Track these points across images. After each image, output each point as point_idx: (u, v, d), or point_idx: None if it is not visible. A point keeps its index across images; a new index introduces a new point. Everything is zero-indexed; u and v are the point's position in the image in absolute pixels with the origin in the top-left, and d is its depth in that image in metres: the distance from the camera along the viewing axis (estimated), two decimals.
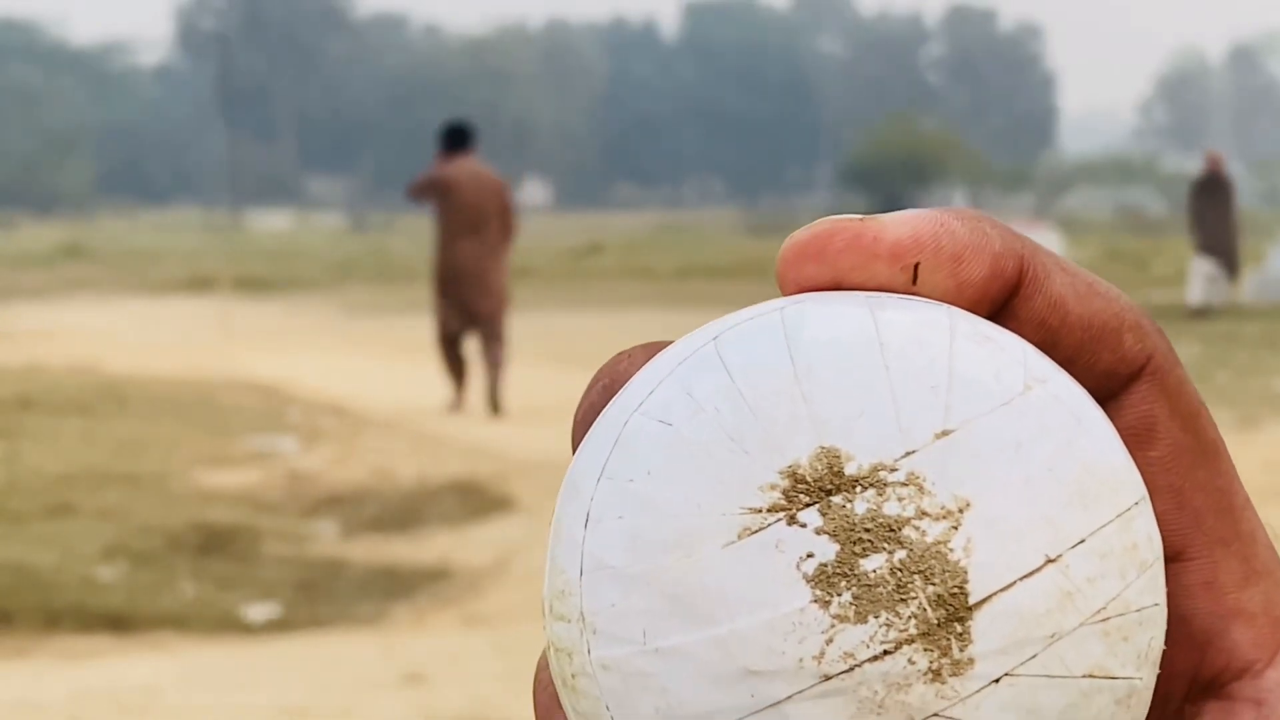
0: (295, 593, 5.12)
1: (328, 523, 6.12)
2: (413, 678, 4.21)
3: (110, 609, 4.84)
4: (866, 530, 0.28)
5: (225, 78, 65.44)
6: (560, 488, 0.30)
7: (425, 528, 6.02)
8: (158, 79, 71.88)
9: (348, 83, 67.73)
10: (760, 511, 0.29)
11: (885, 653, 0.28)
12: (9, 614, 4.79)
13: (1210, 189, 14.19)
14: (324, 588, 5.19)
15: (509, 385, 9.45)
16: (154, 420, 8.44)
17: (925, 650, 0.28)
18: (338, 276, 22.30)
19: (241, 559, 5.54)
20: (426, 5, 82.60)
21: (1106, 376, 0.32)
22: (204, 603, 4.99)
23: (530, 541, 5.62)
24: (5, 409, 8.57)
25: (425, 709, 3.97)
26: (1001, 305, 0.32)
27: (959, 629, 0.28)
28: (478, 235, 9.26)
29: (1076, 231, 29.22)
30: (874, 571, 0.28)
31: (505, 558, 5.43)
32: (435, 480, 6.81)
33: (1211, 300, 13.85)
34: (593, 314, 15.66)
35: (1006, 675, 0.28)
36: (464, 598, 5.04)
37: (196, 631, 4.75)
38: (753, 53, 72.00)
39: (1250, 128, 78.29)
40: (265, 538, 5.78)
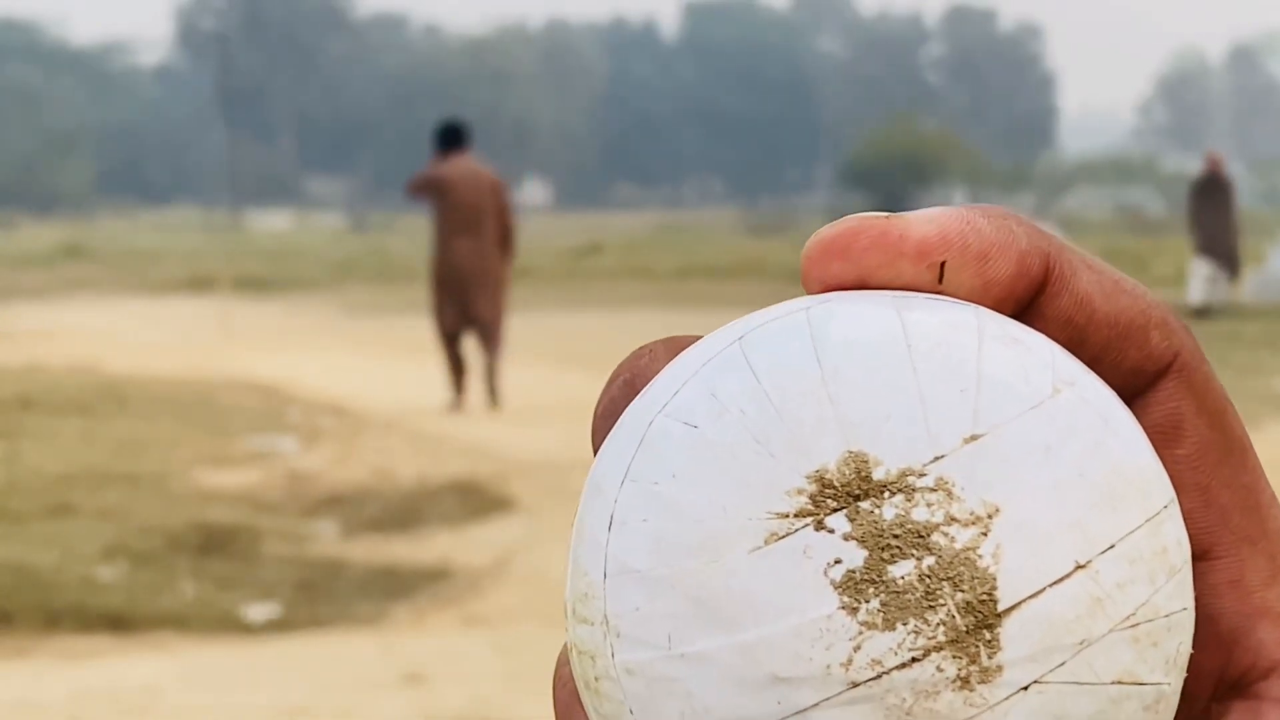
0: (295, 593, 5.12)
1: (328, 523, 6.12)
2: (413, 678, 4.21)
3: (110, 609, 4.84)
4: (895, 536, 0.28)
5: (225, 78, 65.43)
6: (583, 487, 0.30)
7: (425, 528, 6.02)
8: (158, 79, 71.85)
9: (348, 83, 67.71)
10: (787, 516, 0.28)
11: (913, 660, 0.28)
12: (9, 614, 4.79)
13: (1210, 190, 14.19)
14: (324, 588, 5.19)
15: (509, 385, 9.45)
16: (154, 420, 8.44)
17: (954, 657, 0.28)
18: (338, 276, 22.30)
19: (241, 559, 5.54)
20: (426, 5, 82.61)
21: (1133, 374, 0.32)
22: (204, 603, 4.99)
23: (530, 541, 5.61)
24: (5, 409, 8.57)
25: (425, 709, 3.97)
26: (1028, 304, 0.32)
27: (988, 636, 0.28)
28: (474, 234, 9.25)
29: (1076, 231, 29.21)
30: (902, 578, 0.28)
31: (505, 558, 5.43)
32: (435, 480, 6.81)
33: (1211, 300, 13.85)
34: (593, 314, 15.66)
35: (1035, 683, 0.28)
36: (464, 598, 5.04)
37: (196, 631, 4.75)
38: (753, 53, 71.98)
39: (1250, 128, 78.25)
40: (265, 538, 5.78)
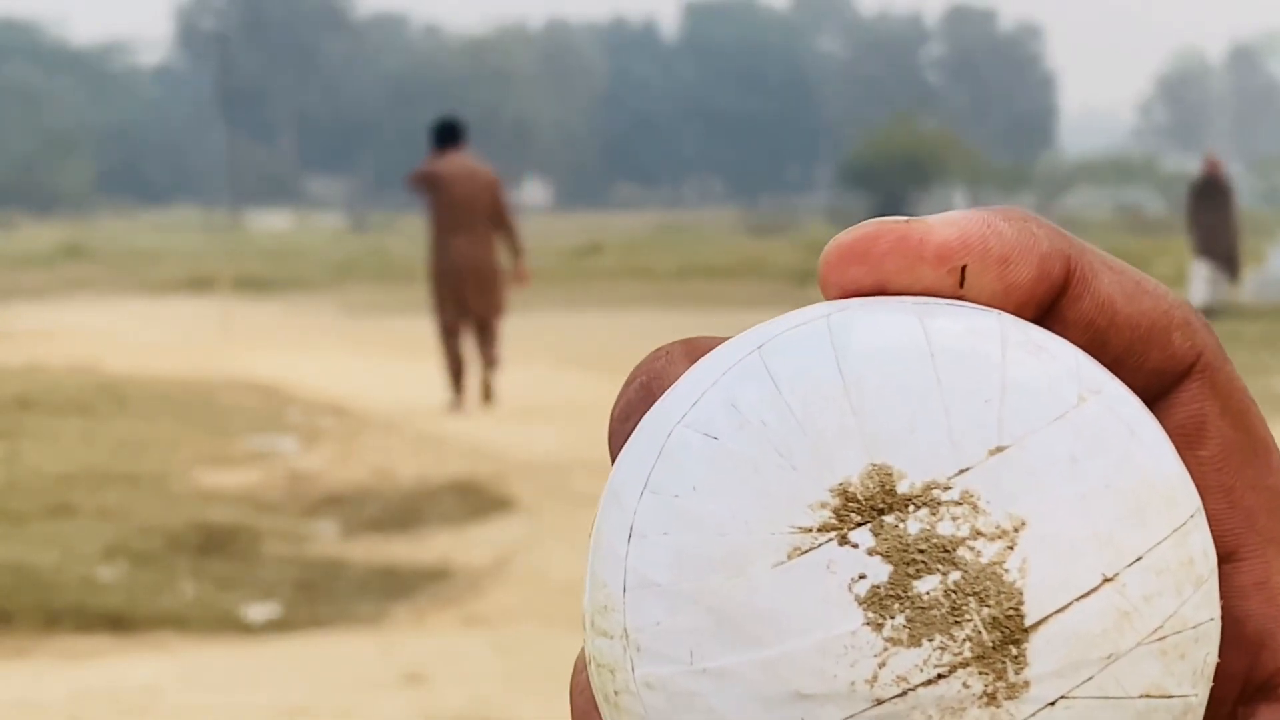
0: (295, 593, 5.12)
1: (328, 523, 6.12)
2: (413, 678, 4.21)
3: (110, 609, 4.84)
4: (920, 551, 0.28)
5: (225, 78, 65.42)
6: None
7: (425, 528, 6.02)
8: (158, 79, 71.85)
9: (348, 83, 67.71)
10: (810, 531, 0.28)
11: (939, 676, 0.27)
12: (9, 614, 4.79)
13: (1208, 192, 14.18)
14: (324, 588, 5.19)
15: (510, 385, 9.45)
16: (154, 420, 8.44)
17: (980, 674, 0.27)
18: (338, 276, 22.31)
19: (241, 559, 5.54)
20: (426, 5, 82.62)
21: (1156, 375, 0.32)
22: (204, 603, 4.99)
23: (530, 541, 5.61)
24: (5, 409, 8.57)
25: (425, 709, 3.97)
26: (1049, 307, 0.31)
27: (1014, 652, 0.28)
28: (470, 231, 9.23)
29: (1076, 231, 28.88)
30: (928, 594, 0.28)
31: (505, 558, 5.43)
32: (435, 480, 6.81)
33: (1212, 301, 13.85)
34: (593, 314, 15.67)
35: (1063, 698, 0.28)
36: (464, 598, 5.04)
37: (196, 631, 4.75)
38: (753, 53, 71.98)
39: (1250, 128, 78.27)
40: (265, 538, 5.78)
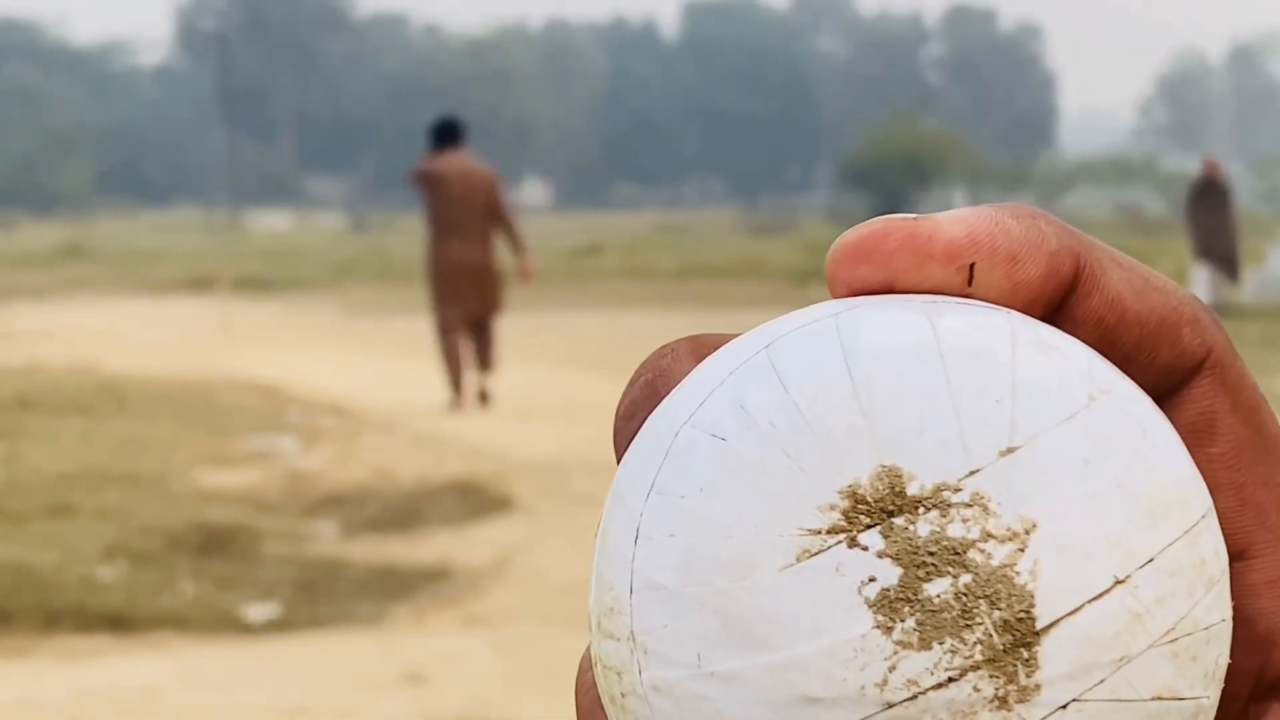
0: (295, 593, 5.12)
1: (328, 523, 6.12)
2: (413, 678, 4.21)
3: (110, 609, 4.84)
4: (930, 554, 0.28)
5: (225, 78, 65.42)
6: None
7: (425, 528, 6.01)
8: (158, 79, 71.85)
9: (348, 83, 67.72)
10: (819, 533, 0.28)
11: (950, 680, 0.27)
12: (9, 614, 4.79)
13: (1207, 194, 14.18)
14: (324, 588, 5.19)
15: (510, 385, 9.45)
16: (154, 420, 8.44)
17: (991, 677, 0.27)
18: (338, 276, 22.31)
19: (241, 559, 5.54)
20: (426, 5, 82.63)
21: (1165, 373, 0.31)
22: (204, 603, 4.99)
23: (530, 541, 5.61)
24: (5, 409, 8.57)
25: (425, 709, 3.97)
26: (1057, 305, 0.31)
27: (1026, 655, 0.27)
28: (467, 230, 9.21)
29: None
30: (938, 596, 0.27)
31: (505, 558, 5.43)
32: (435, 480, 6.81)
33: (1214, 302, 13.86)
34: (593, 314, 15.67)
35: (1074, 701, 0.28)
36: (464, 598, 5.04)
37: (196, 631, 4.75)
38: (753, 53, 71.99)
39: (1250, 128, 78.29)
40: (265, 538, 5.78)
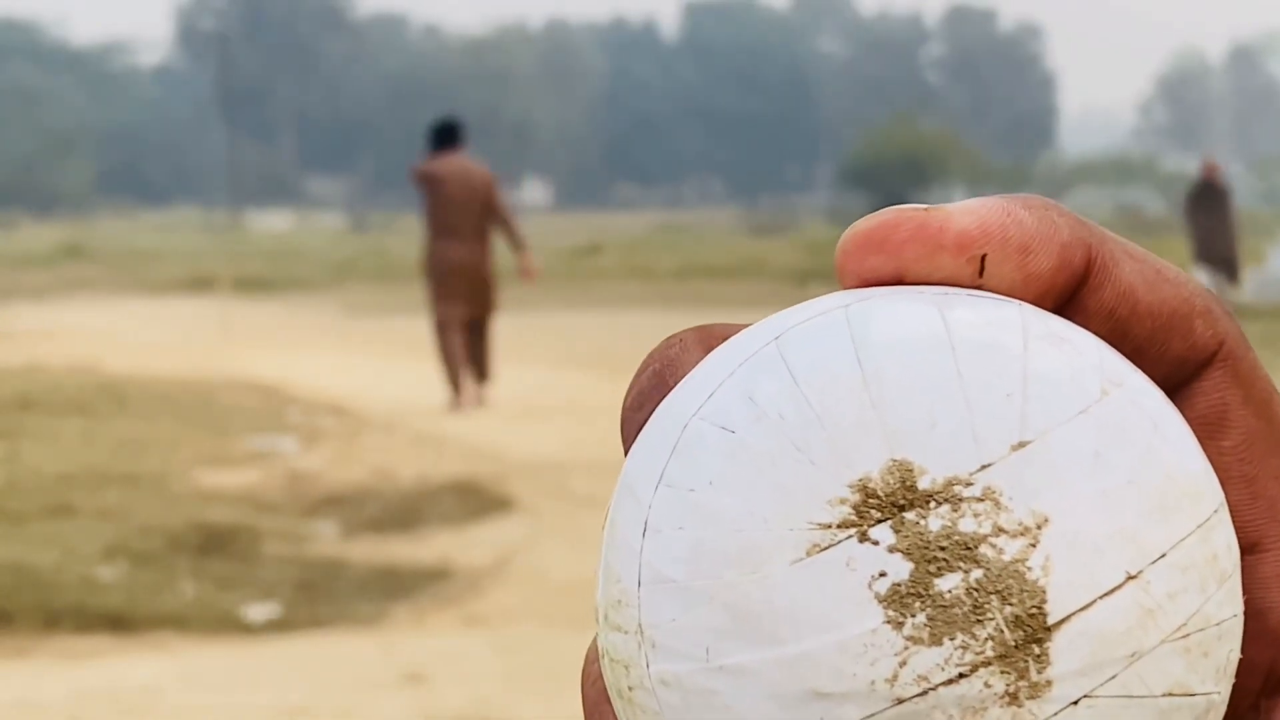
0: (295, 593, 5.12)
1: (328, 523, 6.12)
2: (413, 678, 4.21)
3: (110, 609, 4.84)
4: (941, 548, 0.27)
5: (225, 78, 65.43)
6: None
7: (425, 528, 6.02)
8: (158, 79, 71.84)
9: (348, 83, 67.72)
10: (830, 527, 0.28)
11: (960, 675, 0.27)
12: (9, 614, 4.79)
13: (1206, 196, 14.16)
14: (324, 588, 5.19)
15: (510, 385, 9.45)
16: (154, 420, 8.44)
17: (1002, 673, 0.27)
18: (338, 276, 22.31)
19: (241, 559, 5.54)
20: (426, 5, 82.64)
21: (1177, 365, 0.31)
22: (204, 603, 4.99)
23: (530, 541, 5.61)
24: (5, 409, 8.57)
25: (425, 709, 3.97)
26: (1069, 297, 0.31)
27: (1037, 651, 0.27)
28: (464, 231, 9.22)
29: None
30: (949, 592, 0.27)
31: (505, 558, 5.43)
32: (435, 480, 6.81)
33: None
34: (593, 314, 15.67)
35: (1085, 697, 0.27)
36: (464, 598, 5.04)
37: (196, 631, 4.75)
38: (753, 53, 71.98)
39: (1250, 128, 78.28)
40: (265, 538, 5.78)
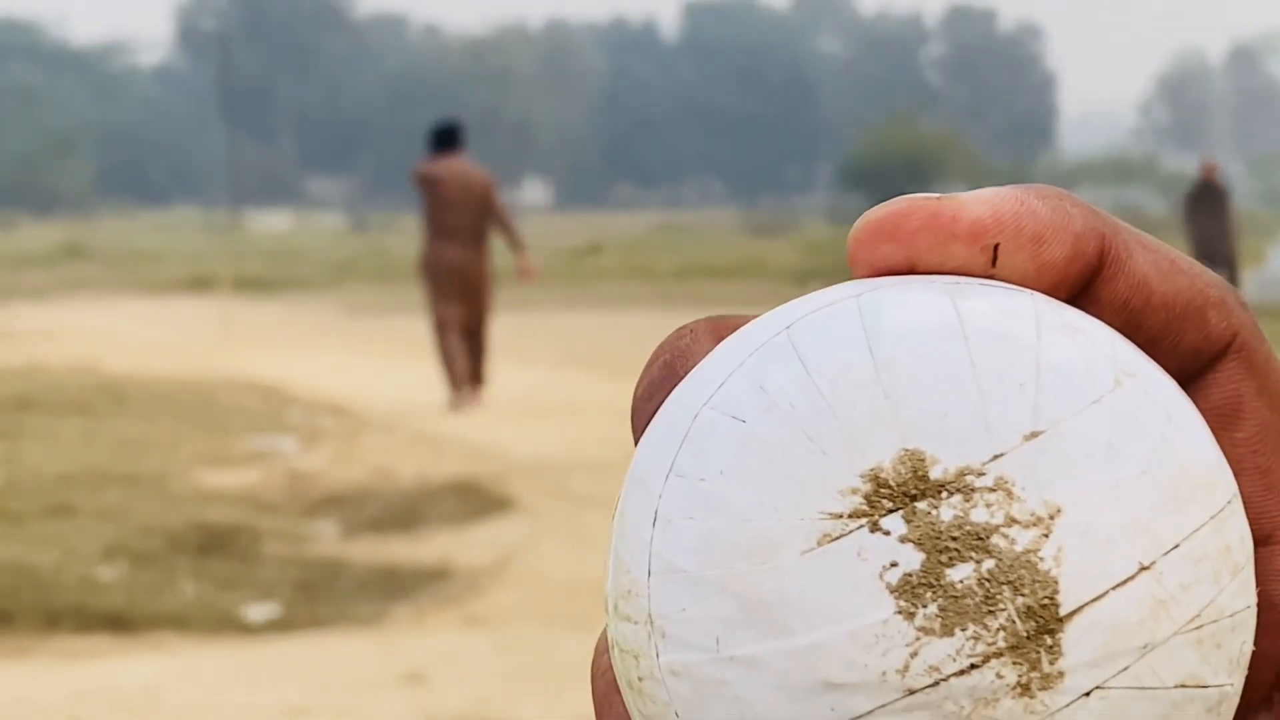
0: (295, 593, 5.12)
1: (328, 523, 6.12)
2: (413, 678, 4.21)
3: (110, 609, 4.84)
4: (953, 539, 0.27)
5: (225, 78, 65.45)
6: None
7: (425, 528, 6.02)
8: (158, 79, 71.84)
9: (348, 83, 67.72)
10: (841, 517, 0.27)
11: (972, 666, 0.27)
12: (9, 614, 4.79)
13: (1205, 196, 14.15)
14: (324, 588, 5.19)
15: (510, 385, 9.45)
16: (154, 420, 8.44)
17: (1014, 664, 0.27)
18: (338, 276, 22.31)
19: (241, 559, 5.54)
20: (426, 5, 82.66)
21: (1191, 356, 0.31)
22: (204, 603, 4.99)
23: (530, 541, 5.61)
24: (5, 409, 8.57)
25: (425, 709, 3.97)
26: (1082, 288, 0.31)
27: (1049, 641, 0.27)
28: (461, 234, 9.23)
29: None
30: (961, 582, 0.27)
31: (505, 558, 5.43)
32: (435, 480, 6.81)
33: None
34: (593, 314, 15.68)
35: (1098, 688, 0.27)
36: (464, 598, 5.04)
37: (196, 631, 4.75)
38: (753, 53, 71.99)
39: (1250, 128, 78.29)
40: (265, 538, 5.78)
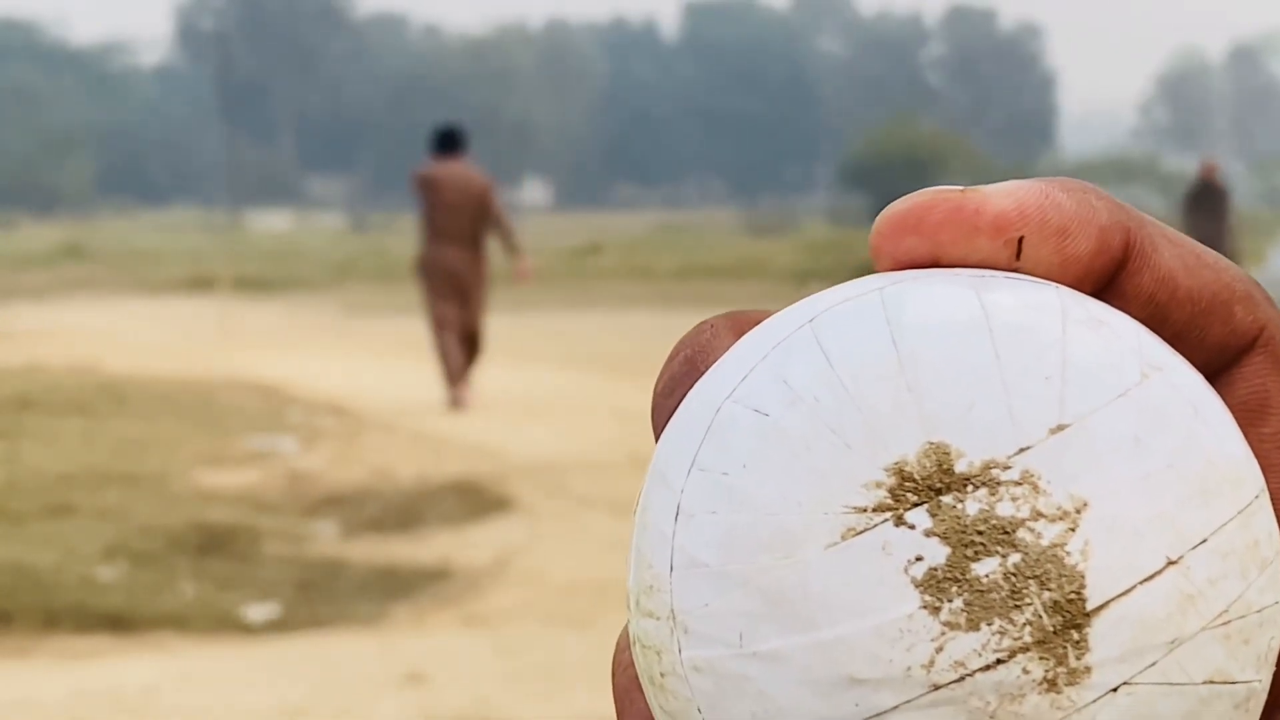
0: (295, 593, 5.12)
1: (328, 523, 6.12)
2: (413, 678, 4.21)
3: (110, 609, 4.85)
4: (979, 532, 0.27)
5: (225, 78, 65.45)
6: (647, 474, 0.29)
7: (425, 528, 6.02)
8: (158, 79, 71.83)
9: (348, 83, 67.72)
10: (865, 511, 0.27)
11: (998, 661, 0.27)
12: (9, 614, 4.79)
13: (1205, 197, 14.14)
14: (324, 588, 5.19)
15: (509, 385, 9.45)
16: (154, 420, 8.44)
17: (1040, 659, 0.27)
18: (338, 276, 22.32)
19: (241, 559, 5.54)
20: (426, 5, 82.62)
21: (1217, 350, 0.31)
22: (204, 603, 4.99)
23: (530, 541, 5.61)
24: (5, 409, 8.57)
25: (425, 709, 3.97)
26: (1107, 281, 0.30)
27: (1076, 636, 0.27)
28: (458, 237, 9.24)
29: None
30: (987, 576, 0.27)
31: (505, 558, 5.43)
32: (435, 480, 6.81)
33: None
34: (593, 314, 15.68)
35: (1125, 684, 0.27)
36: (464, 598, 5.04)
37: (196, 631, 4.75)
38: (753, 53, 71.99)
39: (1250, 128, 78.28)
40: (265, 538, 5.78)
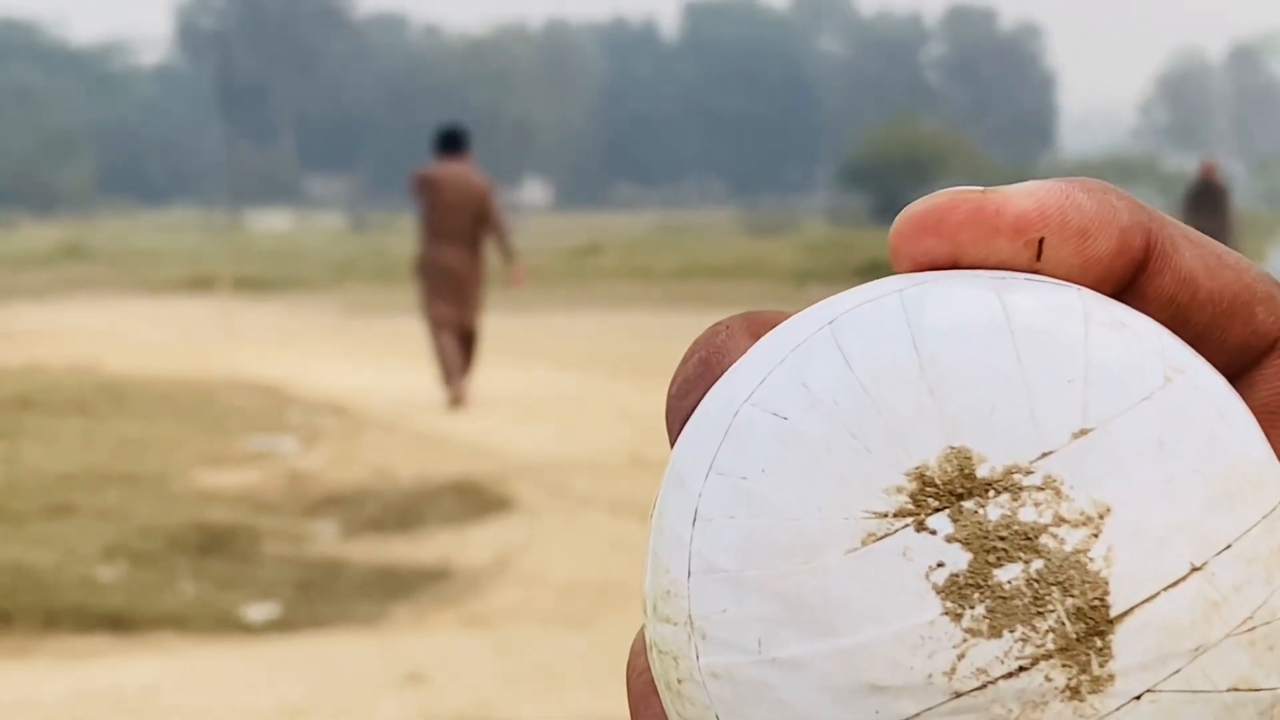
0: (295, 593, 5.12)
1: (328, 523, 6.12)
2: (413, 678, 4.21)
3: (110, 609, 4.84)
4: (1001, 538, 0.27)
5: (225, 78, 65.46)
6: (663, 478, 0.28)
7: (425, 528, 6.02)
8: (158, 79, 71.82)
9: (348, 83, 67.72)
10: (886, 516, 0.27)
11: (1021, 669, 0.26)
12: (9, 614, 4.79)
13: (1204, 197, 14.14)
14: (324, 588, 5.19)
15: (509, 385, 9.45)
16: (154, 420, 8.44)
17: (1063, 666, 0.27)
18: (338, 276, 22.31)
19: (241, 559, 5.54)
20: (426, 5, 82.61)
21: (1238, 352, 0.31)
22: (204, 603, 4.99)
23: (530, 541, 5.61)
24: (5, 409, 8.57)
25: (425, 709, 3.97)
26: (1128, 283, 0.30)
27: (1099, 644, 0.27)
28: (457, 238, 9.24)
29: None
30: (1009, 583, 0.27)
31: (505, 558, 5.43)
32: (435, 480, 6.81)
33: None
34: (592, 314, 15.67)
35: (1148, 691, 0.27)
36: (464, 598, 5.04)
37: (196, 631, 4.75)
38: (753, 53, 71.99)
39: (1250, 128, 78.28)
40: (265, 538, 5.78)
